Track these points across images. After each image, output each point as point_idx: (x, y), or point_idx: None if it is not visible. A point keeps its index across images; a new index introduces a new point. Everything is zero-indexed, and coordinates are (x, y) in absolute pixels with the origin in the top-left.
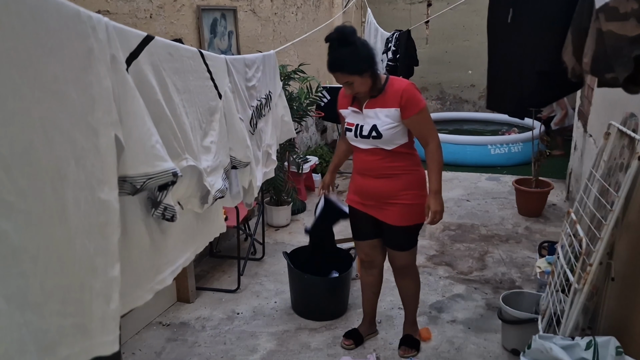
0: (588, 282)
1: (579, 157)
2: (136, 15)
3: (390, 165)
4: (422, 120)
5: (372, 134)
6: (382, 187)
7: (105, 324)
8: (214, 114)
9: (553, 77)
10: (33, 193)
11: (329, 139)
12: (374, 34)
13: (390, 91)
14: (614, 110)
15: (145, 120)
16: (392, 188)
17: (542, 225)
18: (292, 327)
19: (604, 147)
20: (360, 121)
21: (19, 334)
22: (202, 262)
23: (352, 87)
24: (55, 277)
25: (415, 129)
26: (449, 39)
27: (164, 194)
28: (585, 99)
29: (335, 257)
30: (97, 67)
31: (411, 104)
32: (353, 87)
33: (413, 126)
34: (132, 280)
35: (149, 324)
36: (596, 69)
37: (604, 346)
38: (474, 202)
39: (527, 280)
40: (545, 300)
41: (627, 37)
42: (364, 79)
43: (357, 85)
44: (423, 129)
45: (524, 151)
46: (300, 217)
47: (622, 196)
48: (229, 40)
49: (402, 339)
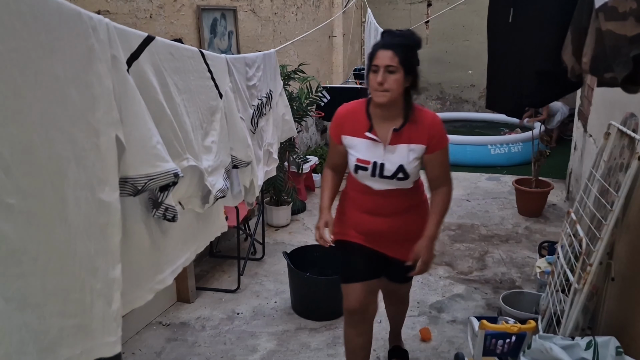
0: (588, 282)
1: (579, 157)
2: (136, 15)
3: (407, 201)
4: (444, 160)
5: (397, 175)
6: (400, 224)
7: (107, 325)
8: (214, 114)
9: (553, 76)
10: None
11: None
12: (374, 34)
13: (419, 122)
14: (614, 110)
15: (146, 120)
16: (408, 227)
17: (542, 225)
18: (292, 327)
19: (604, 147)
20: (379, 158)
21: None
22: (202, 262)
23: (385, 78)
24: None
25: (435, 167)
26: (449, 39)
27: (165, 195)
28: (585, 99)
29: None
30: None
31: (439, 140)
32: (388, 78)
33: (432, 164)
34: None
35: (149, 324)
36: (595, 69)
37: (604, 346)
38: (474, 202)
39: (527, 280)
40: (545, 300)
41: (627, 36)
42: (404, 80)
43: (393, 81)
44: (442, 169)
45: (524, 151)
46: (300, 217)
47: (622, 196)
48: (229, 40)
49: (391, 351)
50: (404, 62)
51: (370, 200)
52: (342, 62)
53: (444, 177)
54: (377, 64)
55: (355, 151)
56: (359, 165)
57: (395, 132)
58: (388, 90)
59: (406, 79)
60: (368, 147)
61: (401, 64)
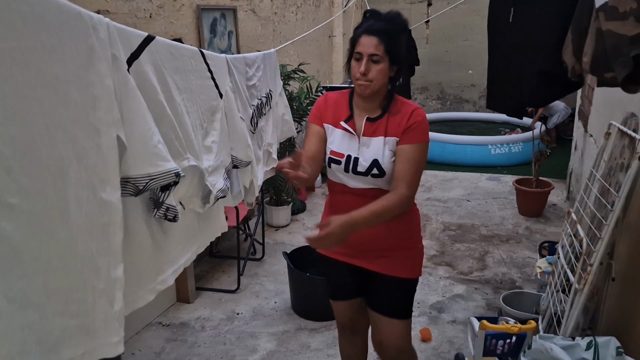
0: (588, 282)
1: (579, 157)
2: (136, 15)
3: None
4: (413, 158)
5: (372, 171)
6: (379, 234)
7: (109, 325)
8: (215, 114)
9: (553, 76)
10: (35, 192)
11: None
12: None
13: (399, 114)
14: (614, 110)
15: (147, 120)
16: (391, 234)
17: (542, 225)
18: (292, 327)
19: (605, 147)
20: (354, 151)
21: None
22: (202, 262)
23: (369, 67)
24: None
25: (399, 162)
26: (449, 39)
27: (166, 195)
28: (585, 99)
29: None
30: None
31: (414, 133)
32: (372, 68)
33: (398, 158)
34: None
35: (149, 324)
36: (596, 69)
37: (604, 346)
38: (474, 202)
39: (527, 281)
40: (545, 300)
41: (627, 36)
42: (389, 70)
43: (377, 71)
44: (407, 167)
45: (524, 151)
46: (300, 217)
47: (622, 196)
48: (228, 40)
49: None
50: (389, 50)
51: (346, 201)
52: (342, 62)
53: (406, 178)
54: (360, 52)
55: (330, 142)
56: (332, 158)
57: (369, 122)
58: (371, 80)
59: (391, 68)
60: (343, 139)
61: (386, 52)
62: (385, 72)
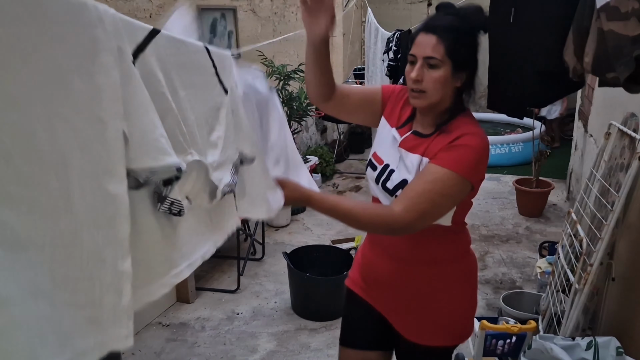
0: (588, 283)
1: (579, 157)
2: (136, 15)
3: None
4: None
5: (396, 192)
6: (404, 277)
7: (118, 318)
8: (220, 109)
9: (554, 76)
10: (35, 181)
11: (328, 139)
12: (374, 34)
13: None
14: (614, 110)
15: (149, 112)
16: (420, 283)
17: (542, 226)
18: (292, 328)
19: (605, 147)
20: (393, 162)
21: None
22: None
23: (422, 74)
24: (63, 267)
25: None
26: None
27: (169, 189)
28: (585, 99)
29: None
30: (103, 57)
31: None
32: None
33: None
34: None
35: (149, 324)
36: (597, 69)
37: (604, 346)
38: (475, 202)
39: (527, 281)
40: (545, 300)
41: (629, 36)
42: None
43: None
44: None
45: (525, 151)
46: (300, 217)
47: (622, 196)
48: (228, 40)
49: None
50: (452, 52)
51: None
52: (342, 62)
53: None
54: (414, 54)
55: (377, 143)
56: (371, 161)
57: (415, 135)
58: (424, 90)
59: (455, 76)
60: (388, 144)
61: (448, 55)
62: (444, 80)
